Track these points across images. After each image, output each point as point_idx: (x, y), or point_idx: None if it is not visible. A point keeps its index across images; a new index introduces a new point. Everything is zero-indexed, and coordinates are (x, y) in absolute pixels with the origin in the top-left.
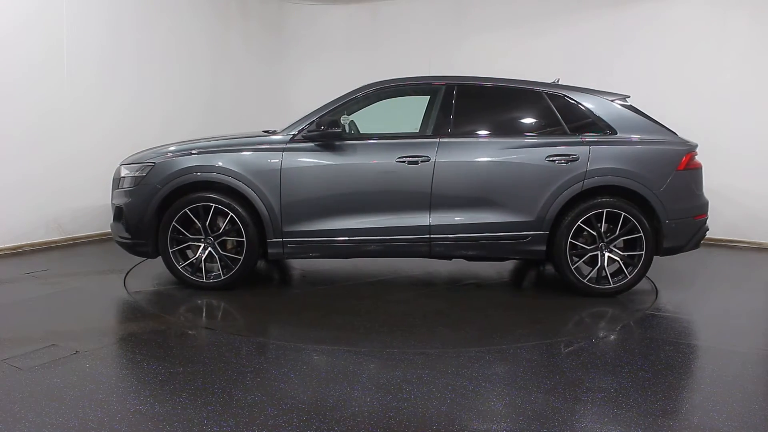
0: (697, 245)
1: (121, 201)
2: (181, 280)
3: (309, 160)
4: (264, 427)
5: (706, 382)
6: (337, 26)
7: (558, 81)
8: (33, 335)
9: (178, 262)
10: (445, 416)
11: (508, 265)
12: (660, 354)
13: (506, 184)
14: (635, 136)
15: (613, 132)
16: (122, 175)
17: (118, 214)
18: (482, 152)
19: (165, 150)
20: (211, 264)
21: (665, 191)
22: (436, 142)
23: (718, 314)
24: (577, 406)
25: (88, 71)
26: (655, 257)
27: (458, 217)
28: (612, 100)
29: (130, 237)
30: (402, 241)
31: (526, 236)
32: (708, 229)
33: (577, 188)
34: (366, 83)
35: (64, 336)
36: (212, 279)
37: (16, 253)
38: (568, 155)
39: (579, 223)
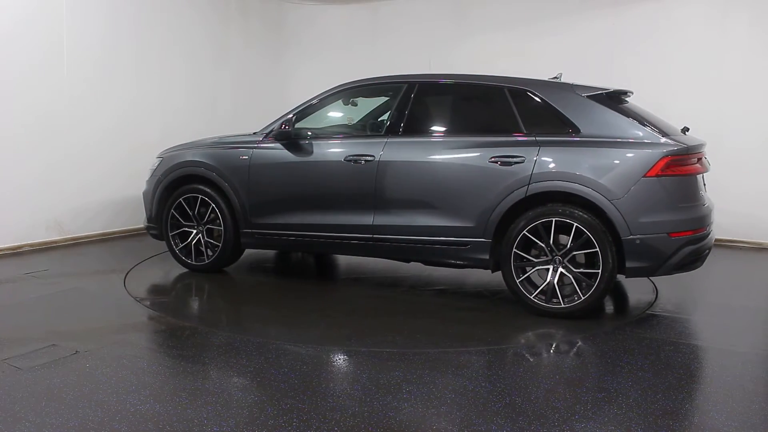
0: (681, 268)
1: (144, 189)
2: (176, 260)
3: (271, 158)
4: (264, 427)
5: (706, 382)
6: (337, 25)
7: (560, 75)
8: (33, 335)
9: (176, 245)
10: (445, 416)
11: None
12: (660, 354)
13: (446, 186)
14: (599, 136)
15: (576, 131)
16: (151, 166)
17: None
18: (426, 152)
19: (176, 146)
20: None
21: (627, 201)
22: (383, 141)
23: (718, 314)
24: (577, 406)
25: (88, 70)
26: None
27: (399, 219)
28: (590, 96)
29: (147, 221)
30: (348, 239)
31: (466, 243)
32: (706, 250)
33: (520, 194)
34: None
35: (64, 336)
36: (197, 262)
37: (16, 253)
38: (513, 156)
39: (526, 232)
